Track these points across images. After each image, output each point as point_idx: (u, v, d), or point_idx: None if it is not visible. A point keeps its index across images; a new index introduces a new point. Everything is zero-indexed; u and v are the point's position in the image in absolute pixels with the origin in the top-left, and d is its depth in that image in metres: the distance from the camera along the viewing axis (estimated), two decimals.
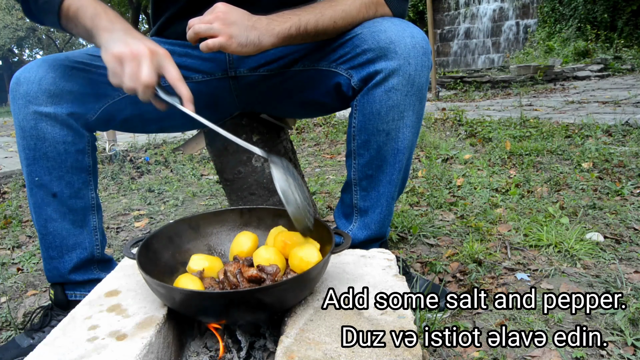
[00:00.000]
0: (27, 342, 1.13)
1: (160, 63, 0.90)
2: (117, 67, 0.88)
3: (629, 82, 6.76)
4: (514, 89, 7.30)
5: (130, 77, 0.88)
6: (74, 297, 1.16)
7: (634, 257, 1.46)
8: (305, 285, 0.83)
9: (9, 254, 1.87)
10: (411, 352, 0.70)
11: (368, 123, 1.07)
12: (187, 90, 0.91)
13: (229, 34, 0.94)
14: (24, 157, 1.06)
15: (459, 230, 1.76)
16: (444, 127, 4.01)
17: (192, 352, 0.86)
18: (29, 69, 1.03)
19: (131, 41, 0.89)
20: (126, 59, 0.87)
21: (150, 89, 0.88)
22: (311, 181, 2.64)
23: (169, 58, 0.91)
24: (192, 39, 0.96)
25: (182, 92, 0.90)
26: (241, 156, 1.42)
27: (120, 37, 0.90)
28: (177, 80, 0.90)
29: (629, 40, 9.77)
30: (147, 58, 0.87)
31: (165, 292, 0.78)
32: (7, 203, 2.61)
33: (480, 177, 2.38)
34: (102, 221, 1.19)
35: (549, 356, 1.02)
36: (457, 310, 1.23)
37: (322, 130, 4.41)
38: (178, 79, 0.90)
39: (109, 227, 2.15)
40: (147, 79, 0.87)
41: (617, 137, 3.05)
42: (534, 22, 11.27)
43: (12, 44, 22.74)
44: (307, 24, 1.01)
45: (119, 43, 0.89)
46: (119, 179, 3.17)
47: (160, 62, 0.90)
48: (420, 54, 1.02)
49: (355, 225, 1.19)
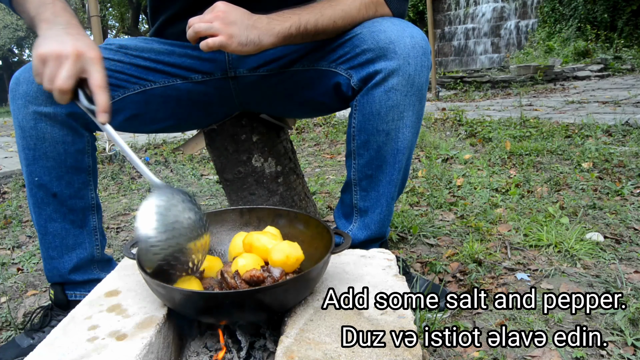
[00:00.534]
0: (27, 342, 1.13)
1: (85, 67, 0.84)
2: (39, 66, 0.84)
3: (629, 82, 6.76)
4: (514, 89, 7.30)
5: (49, 79, 0.84)
6: (74, 297, 1.16)
7: (634, 257, 1.46)
8: (305, 285, 0.83)
9: (9, 254, 1.87)
10: (411, 352, 0.70)
11: (368, 123, 1.07)
12: (104, 100, 0.83)
13: (229, 33, 0.93)
14: (24, 157, 1.06)
15: (459, 230, 1.76)
16: (444, 127, 4.01)
17: (192, 352, 0.86)
18: (28, 69, 1.03)
19: (64, 39, 0.84)
20: (49, 60, 0.83)
21: (65, 94, 0.84)
22: (311, 181, 2.64)
23: (97, 62, 0.85)
24: (192, 38, 0.95)
25: (98, 100, 0.83)
26: (241, 156, 1.42)
27: (55, 33, 0.86)
28: (96, 87, 0.84)
29: (629, 40, 9.77)
30: (70, 61, 0.82)
31: (165, 292, 0.78)
32: (7, 203, 2.61)
33: (480, 177, 2.38)
34: (102, 221, 1.19)
35: (549, 356, 1.02)
36: (457, 310, 1.23)
37: (322, 130, 4.41)
38: (98, 85, 0.84)
39: (109, 227, 2.15)
40: (61, 83, 0.82)
41: (617, 137, 3.05)
42: (534, 22, 11.26)
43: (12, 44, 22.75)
44: (307, 23, 1.01)
45: (50, 41, 0.84)
46: (119, 179, 3.17)
47: (85, 65, 0.84)
48: (419, 54, 1.02)
49: (355, 226, 1.19)
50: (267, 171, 1.44)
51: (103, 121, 0.84)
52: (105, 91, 0.84)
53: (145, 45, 1.18)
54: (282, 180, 1.46)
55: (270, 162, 1.44)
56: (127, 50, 1.15)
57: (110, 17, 21.49)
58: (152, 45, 1.18)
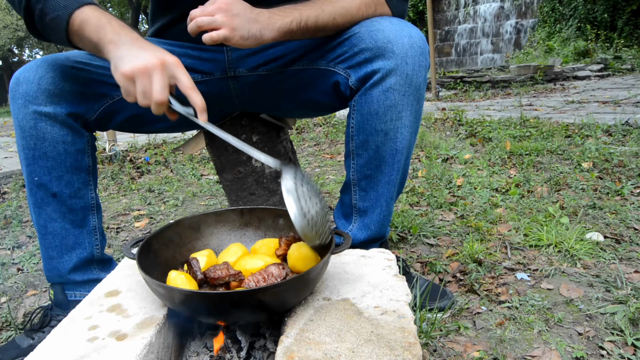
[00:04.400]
0: (27, 342, 1.13)
1: (172, 73, 0.85)
2: (129, 85, 0.85)
3: (629, 82, 6.75)
4: (514, 88, 7.30)
5: (143, 95, 0.84)
6: (73, 297, 1.16)
7: (634, 257, 1.46)
8: (305, 285, 0.83)
9: (9, 254, 1.87)
10: (411, 352, 0.70)
11: (366, 123, 1.07)
12: (200, 100, 0.86)
13: (232, 26, 0.93)
14: (24, 157, 1.06)
15: (459, 230, 1.76)
16: (444, 127, 4.01)
17: (192, 352, 0.86)
18: (28, 69, 1.03)
19: (140, 54, 0.85)
20: (136, 76, 0.83)
21: (163, 104, 0.85)
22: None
23: (180, 66, 0.86)
24: (193, 32, 0.94)
25: (196, 101, 0.85)
26: (241, 156, 1.42)
27: (128, 50, 0.86)
28: (189, 89, 0.85)
29: (629, 40, 9.77)
30: (158, 72, 0.83)
31: (164, 292, 0.78)
32: (7, 203, 2.61)
33: (480, 177, 2.38)
34: (101, 221, 1.19)
35: (549, 356, 1.02)
36: (457, 310, 1.23)
37: (322, 130, 4.41)
38: (190, 87, 0.85)
39: (109, 227, 2.15)
40: (158, 96, 0.83)
41: (617, 137, 3.05)
42: (534, 22, 11.26)
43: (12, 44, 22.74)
44: (308, 19, 1.01)
45: (128, 58, 0.84)
46: (119, 179, 3.17)
47: (172, 71, 0.85)
48: (417, 53, 1.02)
49: (355, 226, 1.19)
50: (267, 171, 1.44)
51: (204, 120, 0.86)
52: (197, 91, 0.86)
53: None
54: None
55: None
56: None
57: None
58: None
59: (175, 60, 0.86)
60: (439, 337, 1.12)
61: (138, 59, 0.84)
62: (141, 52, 0.85)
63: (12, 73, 1.12)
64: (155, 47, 0.88)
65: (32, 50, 26.03)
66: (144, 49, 0.86)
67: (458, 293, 1.33)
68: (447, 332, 1.13)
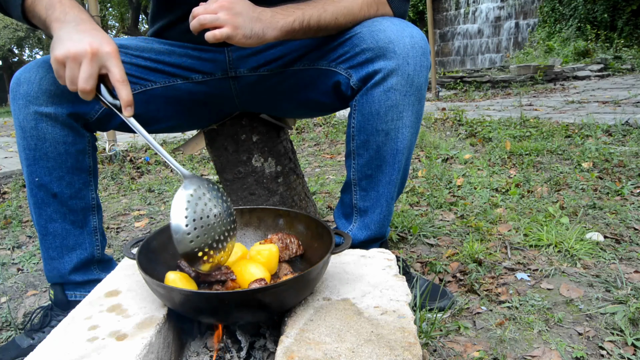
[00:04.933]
0: (27, 342, 1.13)
1: (104, 63, 0.85)
2: (59, 69, 0.86)
3: (629, 82, 6.75)
4: (514, 88, 7.30)
5: (71, 81, 0.85)
6: (74, 297, 1.17)
7: (634, 257, 1.46)
8: (305, 285, 0.83)
9: (9, 254, 1.87)
10: (411, 352, 0.70)
11: (367, 123, 1.07)
12: (126, 94, 0.85)
13: (235, 24, 0.93)
14: (24, 158, 1.06)
15: (459, 230, 1.76)
16: (444, 127, 4.01)
17: (192, 352, 0.86)
18: (29, 69, 1.03)
19: (77, 38, 0.84)
20: (66, 61, 0.84)
21: (88, 93, 0.85)
22: (311, 181, 2.64)
23: (114, 56, 0.85)
24: (195, 29, 0.94)
25: (121, 95, 0.85)
26: (241, 156, 1.42)
27: (67, 32, 0.86)
28: (117, 81, 0.85)
29: (629, 40, 9.77)
30: (87, 60, 0.83)
31: (164, 292, 0.78)
32: (7, 203, 2.61)
33: (480, 177, 2.38)
34: (102, 221, 1.19)
35: (549, 356, 1.02)
36: (457, 310, 1.23)
37: (322, 130, 4.41)
38: (119, 80, 0.85)
39: (109, 227, 2.15)
40: (82, 84, 0.84)
41: (617, 137, 3.05)
42: (534, 22, 11.26)
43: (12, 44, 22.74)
44: (310, 18, 1.01)
45: (64, 42, 0.85)
46: (119, 179, 3.17)
47: (103, 61, 0.85)
48: (419, 54, 1.02)
49: (355, 226, 1.19)
50: (267, 171, 1.44)
51: (128, 115, 0.86)
52: (126, 85, 0.85)
53: (146, 45, 1.18)
54: (282, 180, 1.47)
55: (270, 162, 1.44)
56: (128, 50, 1.15)
57: (110, 17, 21.49)
58: (153, 45, 1.18)
59: (111, 50, 0.85)
60: (439, 337, 1.12)
61: (73, 43, 0.84)
62: (78, 36, 0.85)
63: (12, 73, 1.12)
64: (96, 33, 0.87)
65: (32, 50, 26.02)
66: (84, 32, 0.86)
67: (458, 293, 1.33)
68: (447, 332, 1.13)
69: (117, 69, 0.85)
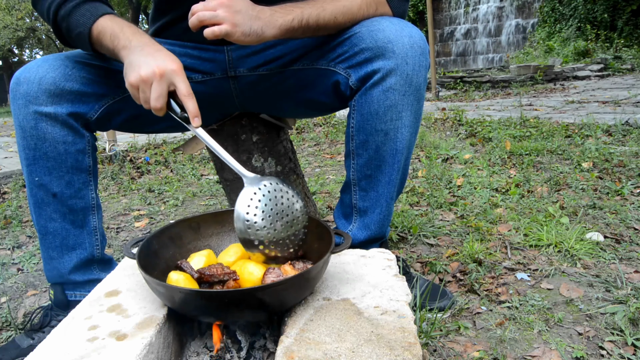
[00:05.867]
0: (27, 342, 1.13)
1: (171, 80, 0.90)
2: (134, 92, 0.93)
3: (629, 82, 6.75)
4: (514, 88, 7.29)
5: (144, 101, 0.92)
6: (74, 297, 1.16)
7: (634, 257, 1.46)
8: (305, 285, 0.83)
9: (9, 254, 1.87)
10: (411, 352, 0.70)
11: (366, 123, 1.07)
12: (193, 106, 0.91)
13: (234, 22, 0.93)
14: (24, 157, 1.06)
15: (459, 230, 1.76)
16: (444, 127, 4.01)
17: (192, 352, 0.86)
18: (29, 69, 1.03)
19: (144, 61, 0.90)
20: (139, 85, 0.90)
21: (160, 111, 0.91)
22: (311, 181, 2.64)
23: (179, 73, 0.91)
24: (194, 26, 0.95)
25: (189, 108, 0.91)
26: (241, 156, 1.42)
27: (136, 58, 0.92)
28: (184, 96, 0.91)
29: (629, 40, 9.77)
30: (156, 82, 0.89)
31: (165, 291, 0.78)
32: (7, 203, 2.61)
33: (480, 177, 2.38)
34: (102, 221, 1.19)
35: (549, 356, 1.02)
36: (457, 310, 1.23)
37: (322, 130, 4.41)
38: (185, 94, 0.91)
39: (109, 227, 2.15)
40: (154, 103, 0.90)
41: (617, 136, 3.05)
42: (534, 22, 11.26)
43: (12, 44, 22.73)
44: (309, 17, 1.01)
45: (134, 67, 0.91)
46: (119, 179, 3.17)
47: (170, 79, 0.90)
48: (417, 53, 1.02)
49: (355, 226, 1.19)
50: (267, 171, 1.44)
51: (196, 125, 0.91)
52: (192, 98, 0.91)
53: None
54: None
55: (270, 162, 1.44)
56: None
57: None
58: None
59: (176, 68, 0.91)
60: (439, 337, 1.12)
61: (142, 68, 0.90)
62: (147, 60, 0.91)
63: (12, 73, 1.13)
64: (160, 55, 0.92)
65: (32, 50, 26.02)
66: (149, 55, 0.92)
67: (458, 293, 1.33)
68: (447, 332, 1.13)
69: (183, 85, 0.91)
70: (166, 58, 0.92)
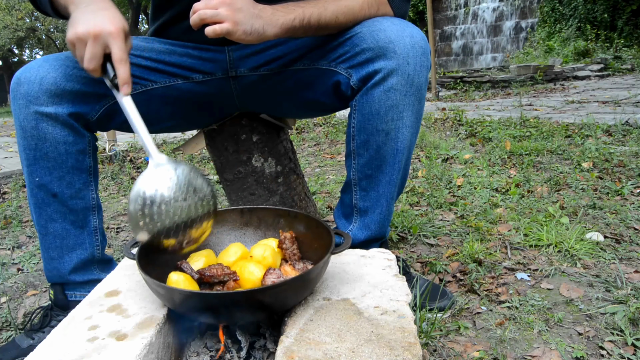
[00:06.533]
0: (27, 342, 1.13)
1: (106, 42, 0.88)
2: (72, 50, 0.92)
3: (629, 82, 6.75)
4: (514, 88, 7.29)
5: (80, 60, 0.91)
6: (74, 297, 1.16)
7: (634, 257, 1.46)
8: (306, 285, 0.83)
9: (9, 254, 1.87)
10: (411, 352, 0.70)
11: (367, 123, 1.07)
12: (124, 72, 0.89)
13: (235, 20, 0.93)
14: (25, 158, 1.06)
15: (459, 230, 1.76)
16: (444, 127, 4.01)
17: (192, 352, 0.86)
18: (29, 69, 1.03)
19: (85, 19, 0.89)
20: (75, 43, 0.89)
21: (94, 73, 0.90)
22: (311, 181, 2.64)
23: (116, 36, 0.89)
24: (195, 24, 0.94)
25: (119, 73, 0.89)
26: (241, 156, 1.42)
27: (80, 14, 0.91)
28: (116, 61, 0.89)
29: (629, 40, 9.77)
30: (90, 42, 0.88)
31: (164, 292, 0.78)
32: (7, 203, 2.61)
33: (480, 177, 2.38)
34: (102, 221, 1.19)
35: (549, 356, 1.02)
36: (457, 310, 1.23)
37: (322, 130, 4.41)
38: (118, 59, 0.89)
39: (109, 227, 2.15)
40: (87, 65, 0.89)
41: (617, 136, 3.05)
42: (534, 22, 11.26)
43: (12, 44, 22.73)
44: (311, 16, 1.01)
45: (74, 25, 0.90)
46: (119, 179, 3.17)
47: (105, 41, 0.88)
48: (419, 54, 1.02)
49: (355, 226, 1.19)
50: (267, 171, 1.44)
51: (125, 93, 0.89)
52: (125, 64, 0.88)
53: (146, 44, 1.18)
54: (282, 180, 1.47)
55: (270, 162, 1.44)
56: None
57: None
58: (153, 44, 1.18)
59: (113, 30, 0.89)
60: (439, 337, 1.12)
61: (79, 25, 0.89)
62: (87, 18, 0.90)
63: (12, 73, 1.13)
64: (103, 13, 0.91)
65: (32, 50, 26.02)
66: (93, 13, 0.91)
67: (458, 293, 1.33)
68: (447, 332, 1.13)
69: (117, 49, 0.89)
70: (107, 18, 0.90)
